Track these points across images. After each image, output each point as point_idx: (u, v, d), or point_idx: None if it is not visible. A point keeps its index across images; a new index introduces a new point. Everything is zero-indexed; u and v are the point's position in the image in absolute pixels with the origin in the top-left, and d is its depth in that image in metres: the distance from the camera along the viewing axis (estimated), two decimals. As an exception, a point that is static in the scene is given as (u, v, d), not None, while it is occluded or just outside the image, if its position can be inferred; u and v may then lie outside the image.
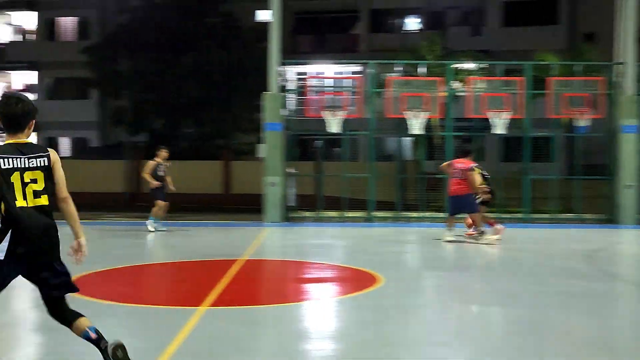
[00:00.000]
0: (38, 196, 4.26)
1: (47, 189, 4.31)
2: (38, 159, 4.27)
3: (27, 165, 4.20)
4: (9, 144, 4.26)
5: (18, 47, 39.06)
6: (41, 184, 4.27)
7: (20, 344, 5.48)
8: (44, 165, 4.28)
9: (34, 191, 4.23)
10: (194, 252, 11.56)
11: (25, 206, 4.19)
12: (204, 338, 5.58)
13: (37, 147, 4.39)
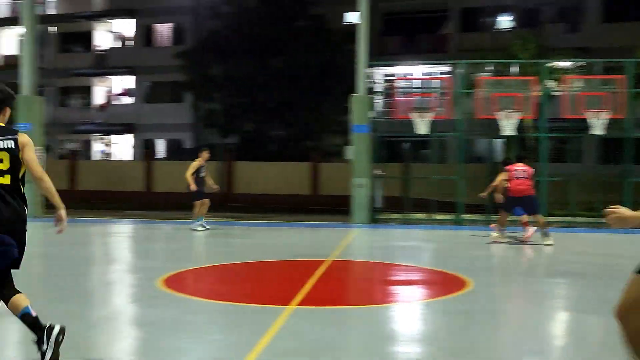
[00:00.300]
0: (1, 175, 4.43)
1: (11, 170, 4.46)
2: (5, 141, 4.50)
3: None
4: None
5: (117, 53, 40.77)
6: (6, 164, 4.45)
7: (117, 338, 5.71)
8: (10, 147, 4.48)
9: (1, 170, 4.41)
10: (282, 252, 11.71)
11: None
12: (291, 336, 5.65)
13: (6, 130, 4.60)
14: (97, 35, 41.67)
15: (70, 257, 11.01)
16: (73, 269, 9.57)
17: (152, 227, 17.02)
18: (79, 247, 12.57)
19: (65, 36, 42.16)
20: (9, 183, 4.45)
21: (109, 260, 11.13)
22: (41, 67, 32.68)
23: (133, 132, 40.09)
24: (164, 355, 5.08)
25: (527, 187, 12.74)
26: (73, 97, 42.85)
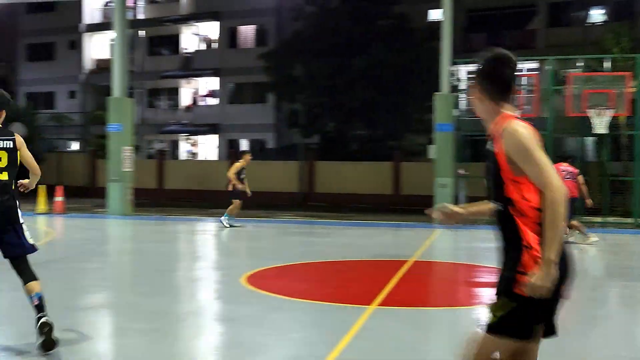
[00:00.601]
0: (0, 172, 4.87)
1: (9, 167, 4.93)
2: (4, 141, 4.96)
3: None
4: None
5: (203, 55, 41.74)
6: (4, 162, 4.91)
7: (202, 332, 5.82)
8: (8, 147, 4.94)
9: None
10: (364, 251, 11.68)
11: None
12: (373, 336, 5.61)
13: (4, 131, 5.02)
14: (184, 38, 42.80)
15: (159, 253, 11.35)
16: (162, 265, 9.85)
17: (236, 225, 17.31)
18: (167, 244, 12.95)
19: (153, 40, 43.52)
20: (6, 179, 4.93)
21: (195, 257, 11.39)
22: (131, 70, 33.85)
23: (218, 133, 40.96)
24: (247, 350, 5.14)
25: (573, 188, 12.31)
26: (161, 98, 44.20)
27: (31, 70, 46.10)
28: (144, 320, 6.15)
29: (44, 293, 5.09)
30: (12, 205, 5.02)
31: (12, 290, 7.61)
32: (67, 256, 10.92)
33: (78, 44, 44.87)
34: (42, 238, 13.55)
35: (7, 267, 8.75)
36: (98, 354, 5.15)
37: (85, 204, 24.65)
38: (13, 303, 6.89)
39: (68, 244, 12.78)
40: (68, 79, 44.82)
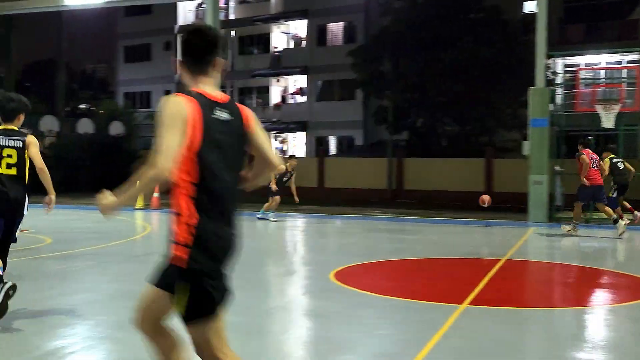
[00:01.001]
0: (10, 167, 5.82)
1: (17, 164, 5.83)
2: (15, 141, 5.89)
3: (7, 144, 5.86)
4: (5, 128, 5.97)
5: (292, 53, 42.22)
6: (14, 159, 5.82)
7: (291, 327, 5.88)
8: (18, 146, 5.85)
9: (7, 163, 5.82)
10: (454, 249, 11.49)
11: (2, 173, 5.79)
12: (463, 336, 5.51)
13: (18, 133, 5.98)
14: (274, 37, 43.42)
15: (248, 248, 11.53)
16: (251, 260, 10.03)
17: (324, 221, 17.43)
18: (256, 240, 13.17)
19: (244, 39, 44.38)
20: (16, 174, 5.84)
21: (284, 252, 11.54)
22: (222, 69, 34.67)
23: (306, 130, 41.33)
24: (335, 346, 5.16)
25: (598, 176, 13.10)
26: (251, 97, 45.03)
27: (128, 71, 48.00)
28: (234, 314, 6.25)
29: (143, 285, 5.27)
30: (19, 197, 5.87)
31: (112, 282, 7.95)
32: (161, 250, 11.28)
33: (173, 45, 46.31)
34: (139, 232, 14.08)
35: (108, 260, 9.13)
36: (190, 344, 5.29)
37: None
38: (110, 295, 7.19)
39: (163, 238, 13.19)
40: (163, 78, 46.35)
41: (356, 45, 34.62)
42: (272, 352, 5.10)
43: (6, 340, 5.27)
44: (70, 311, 6.26)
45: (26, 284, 7.75)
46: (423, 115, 30.70)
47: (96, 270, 8.86)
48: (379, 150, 34.01)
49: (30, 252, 10.30)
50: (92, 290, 7.37)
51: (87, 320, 5.88)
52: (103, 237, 12.64)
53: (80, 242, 11.79)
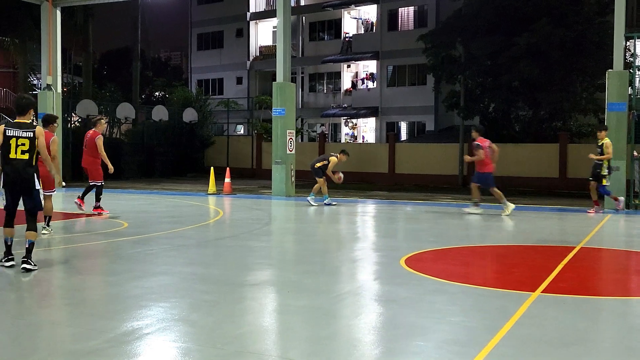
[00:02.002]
0: (24, 153, 7.53)
1: (29, 151, 7.54)
2: (27, 132, 7.54)
3: (21, 135, 7.52)
4: (15, 122, 7.65)
5: (362, 39, 42.05)
6: (26, 147, 7.53)
7: (361, 312, 5.91)
8: (30, 137, 7.54)
9: (22, 150, 7.53)
10: (527, 236, 11.28)
11: (15, 157, 7.52)
12: (536, 324, 5.42)
13: (29, 125, 7.61)
14: (344, 22, 43.32)
15: (320, 234, 11.67)
16: (322, 245, 10.13)
17: (395, 207, 17.38)
18: (327, 225, 13.26)
19: (314, 25, 44.47)
20: (27, 158, 7.54)
21: (355, 238, 11.58)
22: (293, 56, 34.79)
23: (377, 115, 41.18)
24: (405, 332, 5.17)
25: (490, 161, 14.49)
26: (321, 82, 45.13)
27: (201, 59, 48.88)
28: (305, 298, 6.36)
29: (216, 269, 5.45)
30: (30, 177, 7.58)
31: (186, 265, 8.17)
32: (234, 235, 11.52)
33: (244, 32, 46.83)
34: (212, 217, 14.39)
35: (182, 243, 9.40)
36: (262, 328, 5.40)
37: (252, 185, 25.84)
38: (184, 277, 7.39)
39: (235, 223, 13.48)
40: (235, 65, 47.01)
41: (427, 29, 34.18)
42: (343, 336, 5.15)
43: (83, 322, 5.50)
44: (145, 293, 6.48)
45: (103, 266, 8.07)
46: (495, 100, 30.07)
47: (171, 253, 9.12)
48: (450, 135, 33.60)
49: (108, 236, 10.69)
50: (167, 273, 7.60)
51: (162, 303, 6.07)
52: (177, 222, 12.99)
53: (156, 226, 12.15)
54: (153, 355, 4.58)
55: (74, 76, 46.12)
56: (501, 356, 4.58)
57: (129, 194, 21.04)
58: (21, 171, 7.51)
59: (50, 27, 22.89)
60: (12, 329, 5.21)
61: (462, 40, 29.92)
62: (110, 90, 37.94)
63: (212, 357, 4.52)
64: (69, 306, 6.15)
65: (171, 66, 74.88)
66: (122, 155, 30.84)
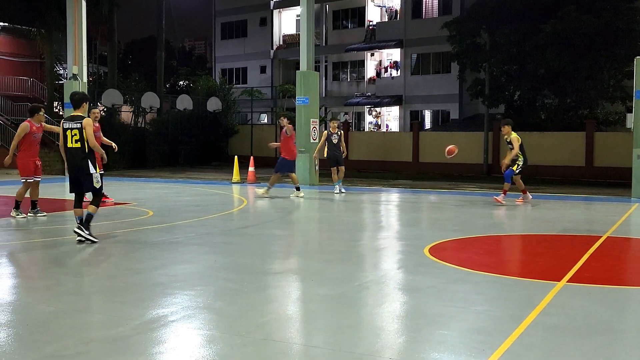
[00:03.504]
0: (76, 142, 8.66)
1: (80, 140, 8.64)
2: (76, 123, 8.66)
3: (74, 127, 8.68)
4: (70, 115, 8.87)
5: (387, 27, 41.80)
6: (78, 137, 8.65)
7: (385, 301, 5.91)
8: (77, 127, 8.66)
9: (75, 139, 8.66)
10: (553, 225, 11.18)
11: (70, 146, 8.70)
12: (562, 313, 5.39)
13: (78, 117, 8.72)
14: (368, 10, 43.10)
15: (343, 222, 11.67)
16: (346, 234, 10.13)
17: (419, 196, 17.32)
18: (351, 214, 13.26)
19: (338, 13, 44.29)
20: (79, 146, 8.66)
21: (379, 227, 11.57)
22: (317, 44, 34.70)
23: (401, 104, 40.99)
24: (429, 321, 5.16)
25: None
26: (345, 71, 44.99)
27: (225, 48, 48.95)
28: (329, 287, 6.37)
29: (240, 257, 5.41)
30: (84, 163, 8.65)
31: (211, 253, 8.23)
32: (258, 223, 11.57)
33: (268, 20, 46.78)
34: (236, 205, 14.46)
35: (207, 232, 9.48)
36: (286, 316, 5.43)
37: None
38: (209, 266, 7.45)
39: (259, 212, 13.53)
40: (259, 54, 47.02)
41: (452, 17, 33.87)
42: (366, 324, 5.16)
43: (109, 309, 5.57)
44: (171, 281, 6.54)
45: (129, 254, 8.15)
46: (521, 88, 29.76)
47: (196, 242, 9.19)
48: (474, 124, 33.35)
49: (134, 224, 10.79)
50: (191, 262, 7.66)
51: (187, 290, 6.13)
52: (202, 210, 13.07)
53: (180, 215, 12.24)
54: (178, 342, 4.63)
55: (100, 66, 46.51)
56: (526, 345, 4.56)
57: (153, 182, 21.22)
58: (76, 158, 8.66)
59: (75, 17, 23.08)
60: (40, 316, 5.29)
61: (487, 27, 29.62)
62: (135, 80, 38.23)
63: (237, 345, 4.55)
64: (96, 294, 6.23)
65: (195, 55, 75.14)
66: (146, 144, 31.08)
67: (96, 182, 8.76)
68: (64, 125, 8.74)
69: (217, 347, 4.51)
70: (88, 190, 8.84)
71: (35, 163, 11.50)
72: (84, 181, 8.70)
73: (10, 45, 37.22)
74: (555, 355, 4.42)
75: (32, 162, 11.42)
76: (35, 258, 7.98)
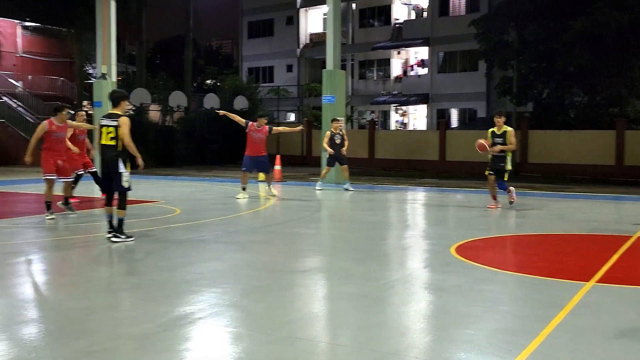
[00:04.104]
0: (110, 140, 8.71)
1: (115, 137, 8.68)
2: (113, 121, 8.71)
3: (108, 124, 8.74)
4: (108, 113, 8.97)
5: (413, 25, 41.61)
6: (113, 134, 8.69)
7: (410, 300, 5.90)
8: (114, 125, 8.69)
9: (110, 137, 8.70)
10: (581, 225, 11.04)
11: (104, 143, 8.76)
12: (590, 314, 5.33)
13: (116, 115, 8.77)
14: (395, 8, 42.94)
15: (369, 221, 11.65)
16: (372, 233, 10.12)
17: (445, 195, 17.23)
18: (377, 213, 13.24)
19: (364, 11, 44.19)
20: (114, 144, 8.69)
21: (405, 225, 11.53)
22: (343, 43, 34.65)
23: (427, 102, 40.78)
24: (455, 320, 5.13)
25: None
26: (371, 69, 44.89)
27: (252, 46, 49.09)
28: (354, 285, 6.37)
29: (266, 255, 5.44)
30: (115, 159, 8.67)
31: (237, 252, 8.27)
32: (285, 221, 11.60)
33: (294, 19, 46.83)
34: (262, 204, 14.52)
35: (234, 230, 9.54)
36: (311, 314, 5.44)
37: (301, 172, 25.92)
38: (235, 264, 7.49)
39: (285, 210, 13.56)
40: (285, 53, 47.09)
41: (479, 14, 33.60)
42: (392, 323, 5.15)
43: (137, 306, 5.63)
44: (197, 279, 6.59)
45: (157, 252, 8.23)
46: (549, 85, 29.41)
47: (222, 240, 9.24)
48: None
49: (161, 222, 10.89)
50: (218, 259, 7.71)
51: (214, 288, 6.17)
52: (228, 209, 13.14)
53: (207, 213, 12.32)
54: (205, 340, 4.67)
55: (128, 65, 46.95)
56: (554, 346, 4.52)
57: (181, 181, 21.38)
58: (107, 155, 8.76)
59: (104, 17, 23.33)
60: (68, 312, 5.37)
61: (515, 25, 29.32)
62: (163, 79, 38.49)
63: (263, 343, 4.58)
64: (124, 291, 6.30)
65: (222, 54, 75.54)
66: (174, 142, 31.32)
67: (125, 182, 8.73)
68: (101, 122, 8.86)
69: (243, 344, 4.54)
70: (118, 189, 8.82)
71: (57, 162, 11.26)
72: (115, 179, 8.71)
73: (41, 46, 37.79)
74: (584, 356, 4.37)
75: (54, 160, 11.20)
76: (66, 255, 8.10)
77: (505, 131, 12.85)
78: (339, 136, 17.16)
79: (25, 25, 36.85)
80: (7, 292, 6.08)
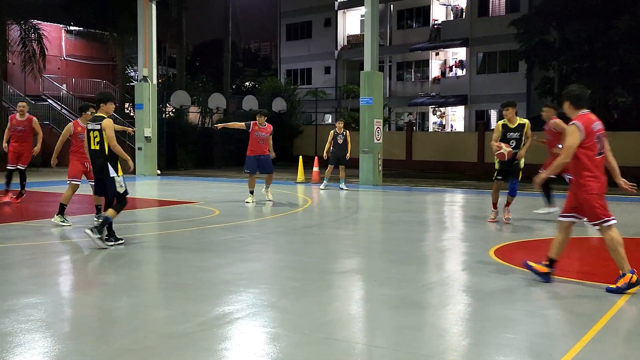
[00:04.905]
0: (97, 144, 8.35)
1: (100, 142, 8.32)
2: (96, 124, 8.34)
3: (93, 128, 8.38)
4: (93, 115, 8.72)
5: (452, 26, 41.28)
6: (98, 138, 8.33)
7: (449, 302, 5.85)
8: (98, 129, 8.31)
9: (96, 141, 8.34)
10: (628, 229, 10.80)
11: (92, 148, 8.43)
12: (634, 319, 5.23)
13: (100, 118, 8.36)
14: (433, 9, 42.67)
15: (407, 223, 11.59)
16: (410, 234, 10.06)
17: (484, 197, 17.03)
18: (415, 214, 13.16)
19: (402, 13, 44.01)
20: (99, 148, 8.34)
21: (443, 227, 11.44)
22: (381, 44, 34.54)
23: (466, 104, 40.41)
24: (495, 324, 5.07)
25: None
26: (409, 71, 44.67)
27: (290, 49, 49.27)
28: (392, 287, 6.34)
29: (304, 256, 5.43)
30: (104, 164, 8.34)
31: (275, 253, 8.30)
32: (323, 223, 11.61)
33: (332, 21, 46.87)
34: (301, 205, 14.55)
35: (272, 231, 9.58)
36: (349, 315, 5.43)
37: (338, 174, 25.89)
38: (273, 265, 7.52)
39: (323, 211, 13.57)
40: (323, 55, 47.15)
41: (520, 14, 33.18)
42: (430, 326, 5.11)
43: (177, 305, 5.69)
44: (236, 279, 6.63)
45: (195, 252, 8.31)
46: (592, 86, 28.87)
47: (261, 241, 9.29)
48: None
49: (201, 223, 10.99)
50: (256, 260, 7.75)
51: (252, 289, 6.20)
52: (266, 210, 13.21)
53: (246, 214, 12.40)
54: (243, 339, 4.69)
55: (168, 68, 47.56)
56: (597, 351, 4.43)
57: (220, 182, 21.55)
58: (96, 160, 8.48)
59: (146, 20, 23.67)
60: (110, 310, 5.45)
61: (556, 24, 28.88)
62: (203, 81, 38.89)
63: (300, 343, 4.58)
64: (163, 290, 6.37)
65: (261, 57, 75.95)
66: (213, 144, 31.59)
67: (119, 187, 8.36)
68: (87, 126, 8.51)
69: (280, 344, 4.55)
70: (112, 196, 8.43)
71: (85, 164, 10.50)
72: (108, 184, 8.37)
73: (84, 49, 38.53)
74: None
75: (81, 163, 10.62)
76: (106, 255, 8.23)
77: (522, 124, 11.49)
78: (341, 136, 17.73)
79: (69, 29, 37.60)
80: (50, 291, 6.21)
